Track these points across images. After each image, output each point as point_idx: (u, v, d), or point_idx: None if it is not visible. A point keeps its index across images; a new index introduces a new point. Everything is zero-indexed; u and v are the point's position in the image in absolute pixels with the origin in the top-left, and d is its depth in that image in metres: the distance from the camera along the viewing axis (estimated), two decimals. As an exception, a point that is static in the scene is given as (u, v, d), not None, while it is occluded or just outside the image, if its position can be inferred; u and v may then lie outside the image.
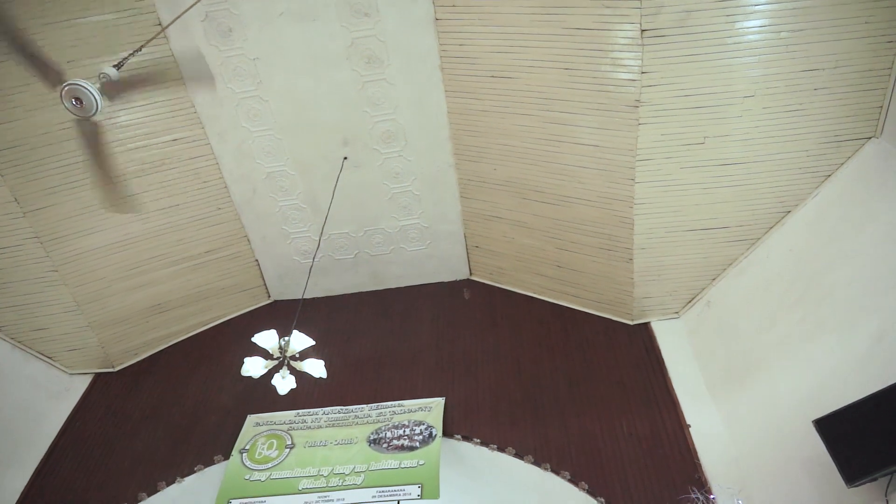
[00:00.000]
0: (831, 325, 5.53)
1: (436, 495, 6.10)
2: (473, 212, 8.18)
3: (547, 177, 7.22)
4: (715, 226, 6.84)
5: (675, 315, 7.56)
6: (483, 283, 8.80)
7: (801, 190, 6.42)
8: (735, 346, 6.58)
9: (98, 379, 8.44)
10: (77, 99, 4.16)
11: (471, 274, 8.92)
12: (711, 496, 5.42)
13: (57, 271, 7.55)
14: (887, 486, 4.42)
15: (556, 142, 6.89)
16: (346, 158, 7.72)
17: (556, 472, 6.26)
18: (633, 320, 7.66)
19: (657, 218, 6.88)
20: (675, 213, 6.81)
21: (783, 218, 6.59)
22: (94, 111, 4.20)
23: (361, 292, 9.09)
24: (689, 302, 7.45)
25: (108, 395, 8.20)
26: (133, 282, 8.05)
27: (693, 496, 5.29)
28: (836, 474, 4.58)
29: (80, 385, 8.34)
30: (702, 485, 5.61)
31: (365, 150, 7.70)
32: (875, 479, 4.40)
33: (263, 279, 8.98)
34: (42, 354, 8.19)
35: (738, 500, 5.22)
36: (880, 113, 5.89)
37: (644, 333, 7.50)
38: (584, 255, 7.61)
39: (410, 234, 8.49)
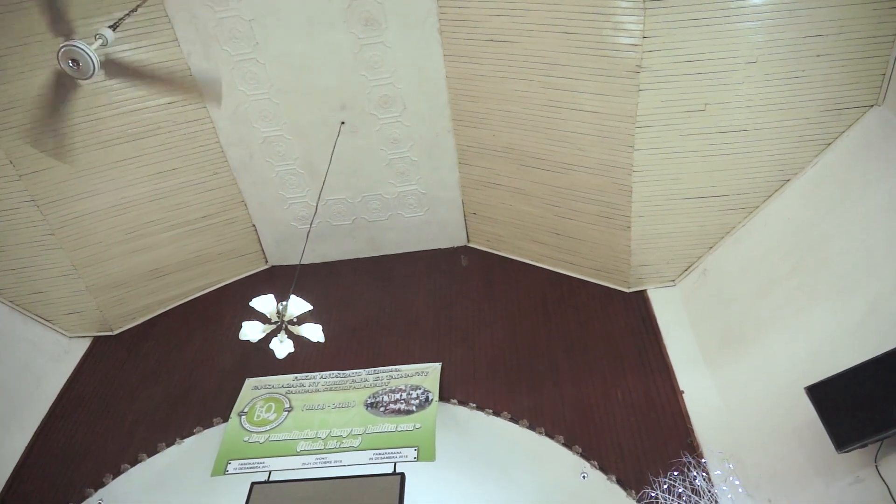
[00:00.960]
0: (826, 293, 5.56)
1: (432, 458, 6.20)
2: (471, 178, 8.14)
3: (546, 143, 7.17)
4: (713, 194, 6.82)
5: (672, 283, 7.58)
6: (480, 250, 8.81)
7: (800, 158, 6.38)
8: (730, 314, 6.62)
9: (97, 342, 8.50)
10: (74, 60, 4.10)
11: (468, 241, 8.92)
12: (702, 461, 5.50)
13: (54, 235, 7.53)
14: (877, 453, 4.49)
15: (556, 108, 6.83)
16: (343, 123, 7.65)
17: (550, 436, 6.35)
18: (629, 288, 7.69)
19: (656, 186, 6.86)
20: (674, 181, 6.78)
21: (782, 187, 6.57)
22: (90, 73, 4.15)
23: (359, 258, 9.10)
24: (686, 270, 7.47)
25: (107, 358, 8.26)
26: (130, 246, 8.04)
27: (684, 460, 5.37)
28: (826, 440, 4.65)
29: (79, 348, 8.40)
30: (693, 449, 5.69)
31: (362, 115, 7.62)
32: (865, 446, 4.47)
33: (261, 244, 8.97)
34: (41, 317, 8.23)
35: (728, 464, 5.30)
36: (882, 80, 5.83)
37: (640, 301, 7.53)
38: (581, 223, 7.60)
39: (408, 201, 8.46)
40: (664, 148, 6.56)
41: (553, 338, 7.35)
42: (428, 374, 7.09)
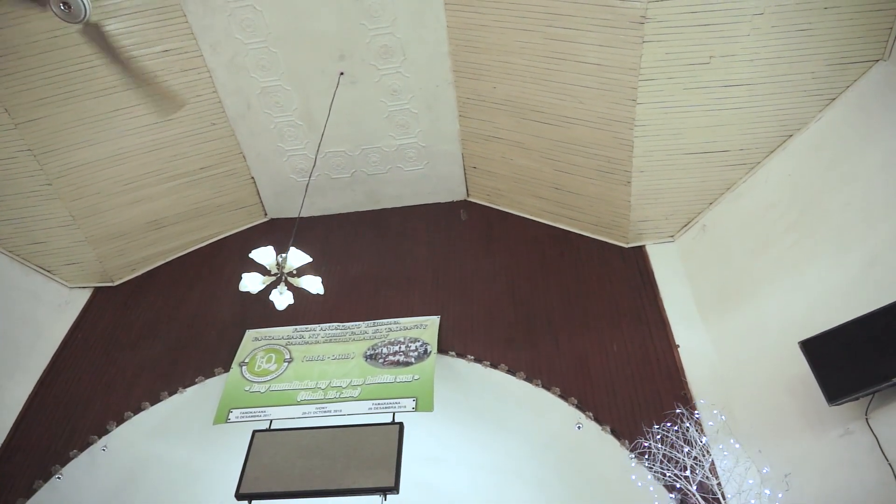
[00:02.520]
0: (824, 249, 5.58)
1: (430, 408, 6.31)
2: (472, 132, 8.06)
3: (547, 96, 7.08)
4: (715, 149, 6.77)
5: (670, 239, 7.59)
6: (480, 205, 8.79)
7: (804, 113, 6.31)
8: (728, 270, 6.66)
9: (98, 293, 8.55)
10: (65, 3, 4.01)
11: (468, 195, 8.89)
12: (695, 412, 5.61)
13: (51, 185, 7.50)
14: (867, 406, 4.58)
15: (558, 60, 6.71)
16: (342, 74, 7.53)
17: (546, 387, 6.45)
18: (628, 243, 7.70)
19: (657, 140, 6.80)
20: (676, 136, 6.73)
21: (784, 142, 6.52)
22: (82, 16, 4.06)
23: (358, 212, 9.08)
24: (685, 226, 7.47)
25: (108, 308, 8.32)
26: (129, 197, 8.01)
27: (678, 412, 5.47)
28: (818, 394, 4.74)
29: (80, 299, 8.46)
30: (687, 401, 5.79)
31: (362, 65, 7.49)
32: (856, 399, 4.56)
33: (260, 197, 8.94)
34: (41, 268, 8.26)
35: (721, 415, 5.40)
36: (889, 35, 5.73)
37: (638, 256, 7.56)
38: (582, 178, 7.57)
39: (408, 154, 8.39)
40: (667, 102, 6.48)
41: (551, 292, 7.40)
42: (426, 327, 7.16)
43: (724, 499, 4.93)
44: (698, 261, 7.16)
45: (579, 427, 6.17)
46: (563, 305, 7.23)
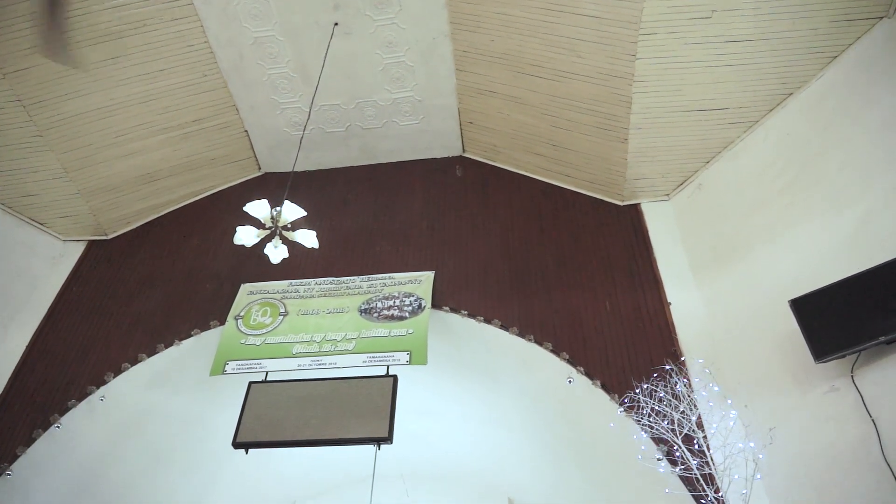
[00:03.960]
0: (819, 209, 5.58)
1: (423, 362, 6.39)
2: (468, 86, 7.95)
3: (545, 50, 6.96)
4: (714, 107, 6.70)
5: (666, 197, 7.58)
6: (476, 161, 8.73)
7: (805, 71, 6.23)
8: (722, 229, 6.67)
9: (92, 246, 8.54)
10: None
11: (464, 151, 8.82)
12: (684, 368, 5.70)
13: (42, 136, 7.40)
14: (853, 364, 4.66)
15: (557, 12, 6.58)
16: (336, 25, 7.37)
17: (538, 343, 6.53)
18: (623, 201, 7.69)
19: (656, 97, 6.72)
20: (675, 93, 6.65)
21: (784, 100, 6.45)
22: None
23: (353, 167, 9.01)
24: (681, 184, 7.46)
25: (102, 261, 8.33)
26: (121, 149, 7.93)
27: (667, 367, 5.56)
28: (805, 351, 4.81)
29: (75, 252, 8.45)
30: (676, 357, 5.88)
31: (357, 15, 7.33)
32: (843, 357, 4.63)
33: (253, 150, 8.85)
34: (34, 220, 8.23)
35: (709, 371, 5.50)
36: (894, -9, 5.62)
37: (633, 214, 7.56)
38: (578, 134, 7.51)
39: (403, 108, 8.29)
40: (667, 57, 6.39)
41: (545, 249, 7.42)
42: (421, 282, 7.20)
43: (708, 451, 5.05)
44: (693, 219, 7.17)
45: (570, 382, 6.27)
46: (556, 262, 7.26)
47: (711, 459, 5.02)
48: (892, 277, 4.49)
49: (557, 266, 7.23)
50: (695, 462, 4.97)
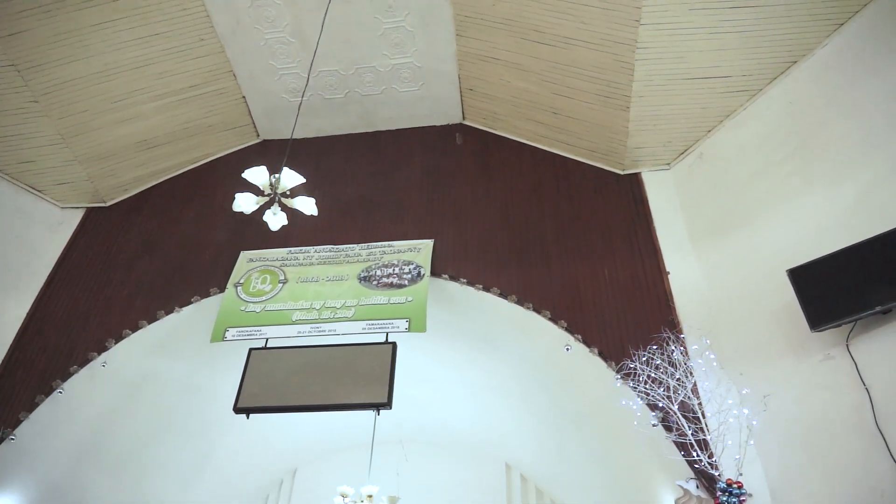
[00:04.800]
0: (819, 179, 5.56)
1: (422, 329, 6.43)
2: (469, 52, 7.84)
3: (548, 15, 6.85)
4: (717, 74, 6.62)
5: (667, 166, 7.54)
6: (476, 129, 8.66)
7: (810, 39, 6.14)
8: (722, 199, 6.66)
9: (90, 213, 8.52)
10: None
11: (464, 118, 8.74)
12: (681, 336, 5.75)
13: (37, 102, 7.33)
14: (849, 333, 4.70)
15: (560, -24, 6.47)
16: (335, -12, 7.24)
17: (537, 311, 6.56)
18: (623, 170, 7.66)
19: (659, 64, 6.64)
20: (678, 60, 6.56)
21: (788, 69, 6.37)
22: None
23: (352, 134, 8.94)
24: (682, 153, 7.41)
25: (101, 229, 8.31)
26: (117, 115, 7.85)
27: (664, 335, 5.60)
28: (801, 321, 4.85)
29: (73, 219, 8.43)
30: (673, 326, 5.92)
31: (355, -21, 7.20)
32: (839, 326, 4.67)
33: (251, 117, 8.77)
34: (32, 188, 8.19)
35: (705, 339, 5.54)
36: (904, -43, 5.51)
37: (634, 183, 7.53)
38: (580, 102, 7.44)
39: (403, 74, 8.19)
40: (671, 23, 6.29)
41: (545, 217, 7.41)
42: (420, 251, 7.21)
43: (703, 417, 5.12)
44: (693, 189, 7.15)
45: (568, 349, 6.32)
46: (556, 231, 7.26)
47: (706, 425, 5.09)
48: (890, 248, 4.51)
49: (557, 235, 7.23)
50: (689, 428, 5.04)
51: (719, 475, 4.86)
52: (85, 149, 7.94)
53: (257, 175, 5.14)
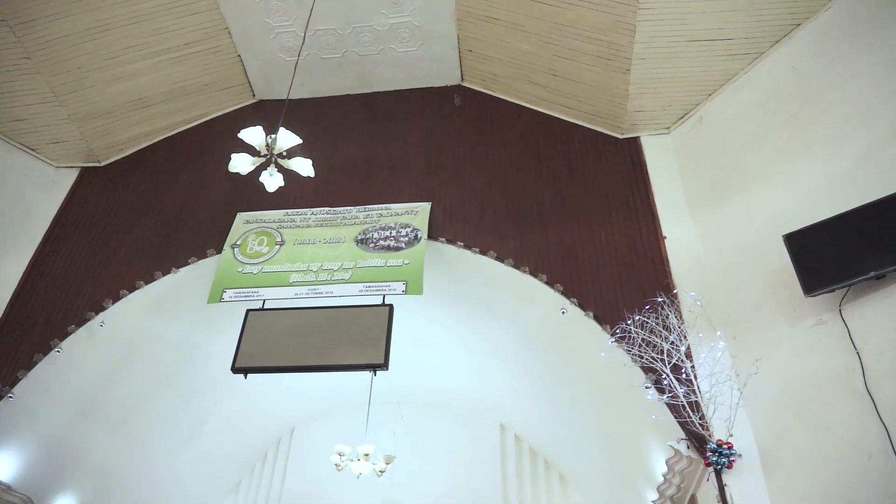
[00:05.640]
0: (818, 145, 5.54)
1: (419, 291, 6.46)
2: (468, 11, 7.70)
3: (548, -26, 6.73)
4: (720, 37, 6.54)
5: (666, 131, 7.49)
6: (474, 90, 8.55)
7: (814, 1, 6.04)
8: (720, 163, 6.63)
9: (85, 173, 8.46)
10: None
11: (462, 79, 8.63)
12: (676, 300, 5.79)
13: (30, 58, 7.21)
14: (842, 298, 4.73)
15: (562, -67, 6.32)
16: (332, -57, 7.08)
17: (533, 274, 6.59)
18: (622, 134, 7.60)
19: (661, 25, 6.55)
20: (680, 21, 6.47)
21: (791, 31, 6.28)
22: None
23: (349, 95, 8.83)
24: (682, 118, 7.36)
25: (96, 189, 8.27)
26: (111, 73, 7.74)
27: (659, 299, 5.64)
28: (795, 286, 4.88)
29: (68, 178, 8.38)
30: (668, 290, 5.96)
31: (353, -66, 7.03)
32: (832, 291, 4.70)
33: (247, 76, 8.65)
34: (25, 146, 8.12)
35: (699, 304, 5.58)
36: (913, -83, 5.39)
37: (632, 147, 7.48)
38: (580, 64, 7.34)
39: (401, 34, 8.05)
40: (674, -18, 6.18)
41: (543, 181, 7.39)
42: (417, 213, 7.19)
43: (695, 380, 5.19)
44: (692, 153, 7.11)
45: (563, 313, 6.37)
46: (553, 194, 7.24)
47: (698, 388, 5.16)
48: (886, 214, 4.52)
49: (554, 198, 7.22)
50: (682, 390, 5.11)
51: (710, 436, 4.95)
52: (78, 107, 7.85)
53: (253, 135, 5.10)
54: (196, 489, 9.64)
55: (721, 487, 4.80)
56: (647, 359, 5.38)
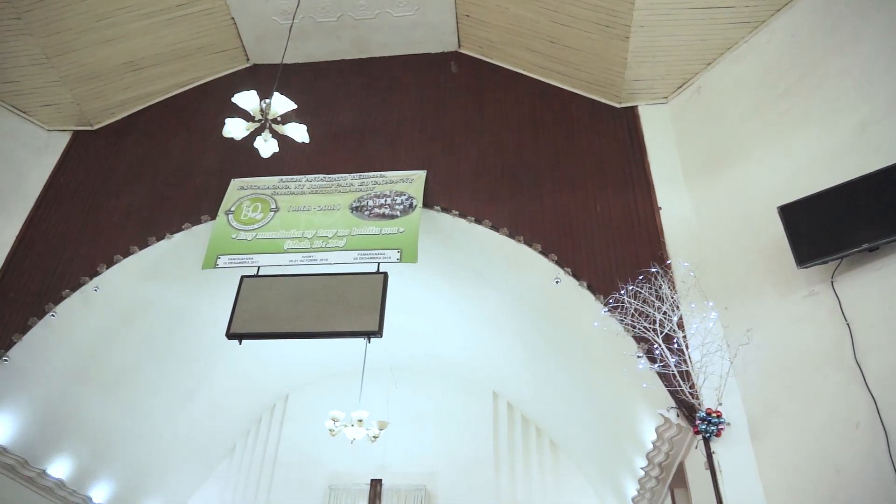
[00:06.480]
0: (816, 115, 5.51)
1: (414, 260, 6.46)
2: (466, -24, 7.58)
3: (548, -63, 6.59)
4: (721, 4, 6.45)
5: (664, 100, 7.43)
6: (471, 57, 8.45)
7: (818, -32, 5.96)
8: (718, 134, 6.60)
9: (77, 137, 8.37)
10: None
11: (459, 46, 8.51)
12: (669, 271, 5.81)
13: (20, 19, 7.10)
14: (834, 270, 4.76)
15: None
16: None
17: (528, 244, 6.59)
18: (620, 103, 7.54)
19: (661, -8, 6.45)
20: (681, -12, 6.38)
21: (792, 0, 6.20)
22: None
23: (344, 60, 8.71)
24: (680, 87, 7.29)
25: (89, 153, 8.20)
26: (102, 34, 7.61)
27: (652, 270, 5.66)
28: (788, 258, 4.90)
29: (60, 142, 8.29)
30: (662, 260, 5.97)
31: None
32: (825, 262, 4.73)
33: (241, 40, 8.50)
34: (17, 109, 8.03)
35: (693, 274, 5.60)
36: None
37: (630, 117, 7.43)
38: (579, 31, 7.24)
39: (397, -2, 7.92)
40: (675, -53, 6.07)
41: (539, 150, 7.34)
42: (413, 181, 7.16)
43: (687, 350, 5.24)
44: (689, 124, 7.07)
45: (557, 282, 6.39)
46: (549, 164, 7.21)
47: (689, 358, 5.21)
48: (880, 186, 4.52)
49: (550, 168, 7.18)
50: (673, 360, 5.16)
51: (699, 405, 5.01)
52: (70, 69, 7.73)
53: (247, 100, 5.04)
54: (191, 452, 9.77)
55: (709, 455, 4.89)
56: (639, 328, 5.42)
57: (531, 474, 9.93)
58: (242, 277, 6.54)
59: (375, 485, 9.51)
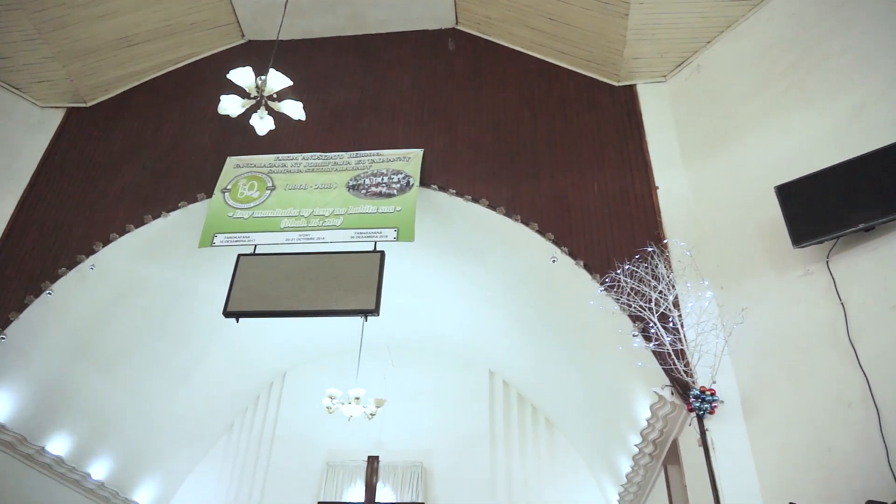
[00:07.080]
0: (815, 95, 5.49)
1: (410, 238, 6.45)
2: (464, -50, 7.47)
3: (548, -88, 6.49)
4: (721, -19, 6.39)
5: (662, 79, 7.38)
6: (469, 34, 8.37)
7: (820, -57, 5.88)
8: (716, 113, 6.57)
9: (71, 114, 8.30)
10: None
11: (457, 23, 8.42)
12: (666, 251, 5.82)
13: (10, -8, 6.98)
14: (830, 250, 4.78)
15: None
16: None
17: (525, 223, 6.59)
18: (618, 82, 7.49)
19: (661, -33, 6.38)
20: (683, -37, 6.31)
21: (794, -23, 6.14)
22: None
23: (340, 37, 8.61)
24: (679, 66, 7.24)
25: (83, 130, 8.13)
26: (96, 10, 7.51)
27: (649, 249, 5.67)
28: (784, 237, 4.92)
29: (54, 119, 8.22)
30: (659, 240, 5.98)
31: None
32: (821, 242, 4.74)
33: (236, 15, 8.40)
34: (9, 85, 7.94)
35: (689, 253, 5.61)
36: None
37: (628, 96, 7.38)
38: (578, 7, 7.16)
39: (394, -27, 7.81)
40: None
41: (537, 129, 7.31)
42: (410, 160, 7.13)
43: (682, 328, 5.27)
44: (688, 103, 7.03)
45: (554, 261, 6.40)
46: (547, 143, 7.18)
47: (684, 336, 5.24)
48: (877, 167, 4.52)
49: (547, 147, 7.15)
50: (668, 338, 5.19)
51: (693, 383, 5.06)
52: (63, 45, 7.63)
53: (243, 76, 5.01)
54: (189, 430, 9.83)
55: (703, 432, 4.94)
56: (635, 307, 5.45)
57: (526, 452, 10.03)
58: (239, 256, 6.53)
59: (372, 462, 9.60)
